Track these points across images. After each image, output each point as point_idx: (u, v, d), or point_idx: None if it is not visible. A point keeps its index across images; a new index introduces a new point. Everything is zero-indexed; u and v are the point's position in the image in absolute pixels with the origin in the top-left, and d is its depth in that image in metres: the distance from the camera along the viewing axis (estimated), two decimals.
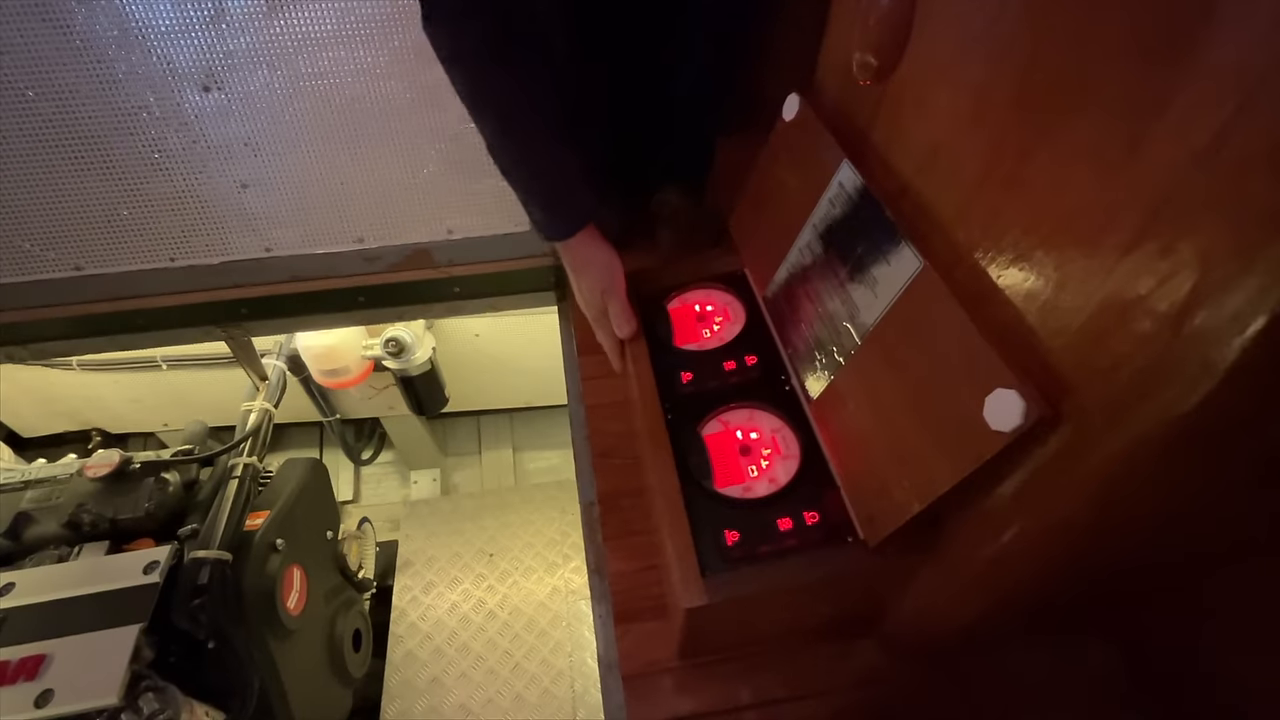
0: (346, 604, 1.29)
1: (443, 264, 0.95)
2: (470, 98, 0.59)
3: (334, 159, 0.84)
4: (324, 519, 1.27)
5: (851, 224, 0.50)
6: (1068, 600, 0.53)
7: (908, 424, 0.42)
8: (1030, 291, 0.36)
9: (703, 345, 0.66)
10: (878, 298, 0.46)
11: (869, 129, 0.50)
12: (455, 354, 1.63)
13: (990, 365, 0.36)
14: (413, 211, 0.90)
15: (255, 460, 1.13)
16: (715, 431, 0.58)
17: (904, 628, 0.56)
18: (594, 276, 0.67)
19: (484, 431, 2.06)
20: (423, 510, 1.73)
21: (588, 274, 0.68)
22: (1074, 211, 0.33)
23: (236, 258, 0.90)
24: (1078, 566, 0.44)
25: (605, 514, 0.69)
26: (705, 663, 0.58)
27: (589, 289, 0.68)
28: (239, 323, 1.02)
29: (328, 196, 0.87)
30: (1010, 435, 0.34)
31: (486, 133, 0.60)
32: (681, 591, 0.48)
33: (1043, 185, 0.35)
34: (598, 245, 0.67)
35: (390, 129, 0.82)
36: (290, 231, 0.90)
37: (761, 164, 0.66)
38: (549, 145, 0.61)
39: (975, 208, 0.40)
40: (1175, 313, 0.29)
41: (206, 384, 1.61)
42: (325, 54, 0.75)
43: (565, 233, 0.65)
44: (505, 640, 1.47)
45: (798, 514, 0.51)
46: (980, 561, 0.45)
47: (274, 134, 0.80)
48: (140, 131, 0.78)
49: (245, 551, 1.00)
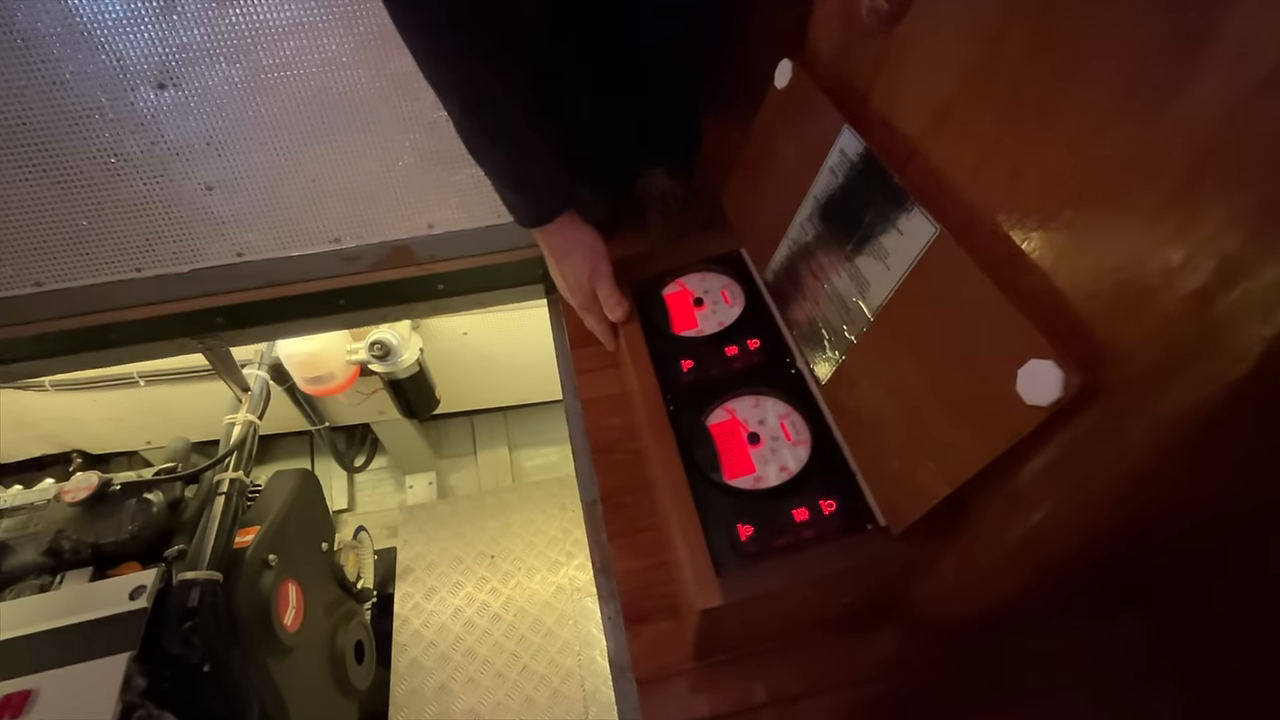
0: (347, 616, 1.26)
1: (425, 261, 0.91)
2: (433, 73, 0.54)
3: (303, 155, 0.79)
4: (317, 530, 1.24)
5: (856, 193, 0.47)
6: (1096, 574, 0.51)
7: (929, 403, 0.40)
8: (1060, 254, 0.34)
9: (702, 331, 0.63)
10: (890, 270, 0.43)
11: (869, 92, 0.47)
12: (444, 354, 1.59)
13: (1023, 335, 0.33)
14: (390, 207, 0.86)
15: (242, 474, 1.09)
16: (721, 421, 0.55)
17: (924, 612, 0.54)
18: (578, 261, 0.64)
19: (478, 431, 2.03)
20: (420, 515, 1.70)
21: (570, 259, 0.64)
22: (1107, 164, 0.31)
23: (207, 265, 0.86)
24: (1110, 542, 0.42)
25: (609, 512, 0.66)
26: (721, 661, 0.56)
27: (573, 275, 0.65)
28: (215, 333, 0.97)
29: (299, 195, 0.83)
30: (1048, 409, 0.32)
31: (453, 111, 0.56)
32: (696, 592, 0.45)
33: (1070, 137, 0.32)
34: (579, 228, 0.64)
35: (361, 121, 0.78)
36: (262, 234, 0.85)
37: (754, 137, 0.63)
38: (522, 124, 0.57)
39: (993, 167, 0.37)
40: (1229, 269, 0.26)
41: (188, 398, 1.56)
42: (286, 44, 0.71)
43: (545, 218, 0.62)
44: (511, 642, 1.44)
45: (813, 503, 0.48)
46: (1007, 542, 0.42)
47: (237, 131, 0.76)
48: (94, 135, 0.73)
49: (236, 570, 0.97)
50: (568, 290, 0.68)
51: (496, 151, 0.59)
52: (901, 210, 0.42)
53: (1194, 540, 0.45)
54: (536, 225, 0.62)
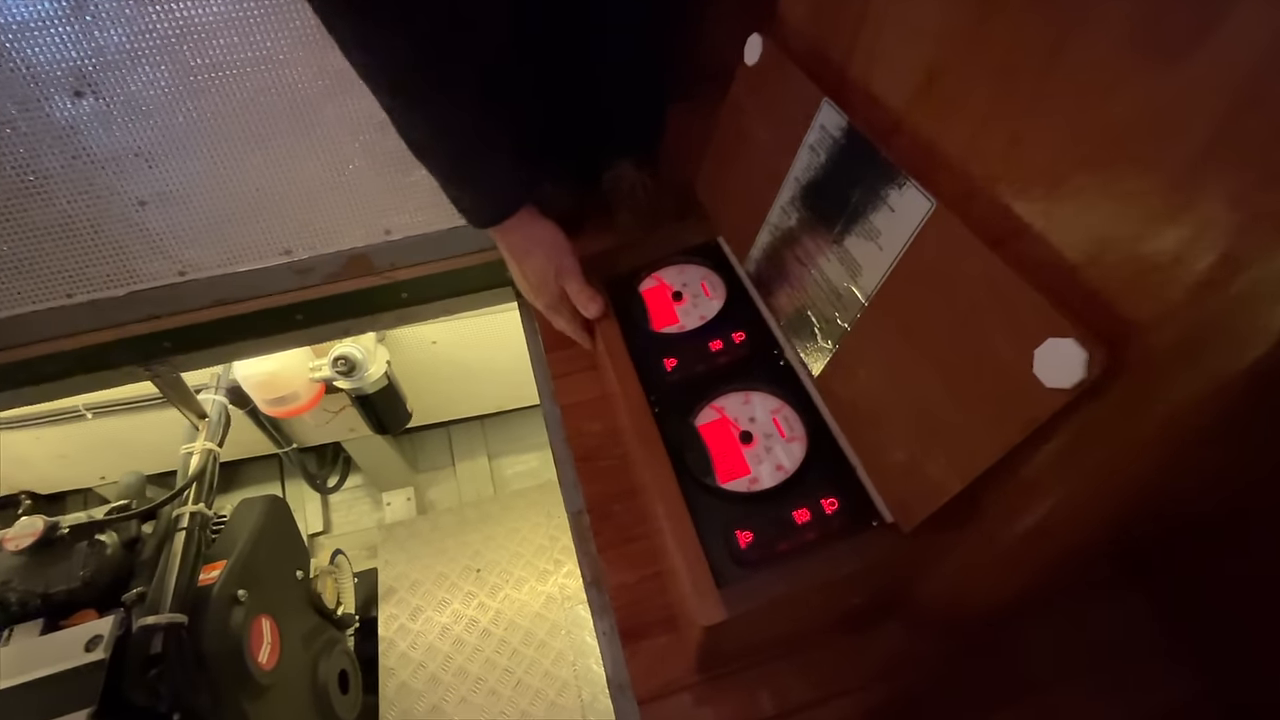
0: (328, 645, 1.21)
1: (385, 269, 0.86)
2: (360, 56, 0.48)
3: (244, 163, 0.74)
4: (290, 558, 1.18)
5: (841, 171, 0.44)
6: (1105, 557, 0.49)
7: (935, 391, 0.37)
8: (1071, 225, 0.31)
9: (683, 326, 0.60)
10: (883, 250, 0.40)
11: (847, 61, 0.44)
12: (413, 365, 1.53)
13: (1038, 312, 0.30)
14: (343, 214, 0.81)
15: (203, 507, 1.02)
16: (710, 420, 0.52)
17: (930, 605, 0.52)
18: (540, 259, 0.60)
19: (455, 442, 1.97)
20: (400, 533, 1.64)
21: (532, 258, 0.60)
22: (1120, 125, 0.28)
23: (146, 286, 0.80)
24: (1127, 525, 0.40)
25: (596, 522, 0.63)
26: (724, 673, 0.53)
27: (537, 274, 0.60)
28: (163, 359, 0.91)
29: (243, 206, 0.77)
30: (1071, 392, 0.29)
31: (387, 103, 0.50)
32: (697, 608, 0.42)
33: (1078, 94, 0.30)
34: (539, 224, 0.59)
35: (304, 123, 0.72)
36: (206, 250, 0.79)
37: (725, 119, 0.59)
38: (467, 116, 0.51)
39: (990, 135, 0.34)
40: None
41: (140, 429, 1.47)
42: (214, 42, 0.65)
43: (499, 215, 0.57)
44: (504, 658, 1.40)
45: (814, 502, 0.46)
46: (1021, 531, 0.40)
47: (168, 140, 0.70)
48: (7, 152, 0.67)
49: (203, 609, 0.91)
50: (532, 292, 0.63)
51: (438, 144, 0.53)
52: (892, 185, 0.39)
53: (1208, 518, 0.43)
54: (492, 225, 0.57)
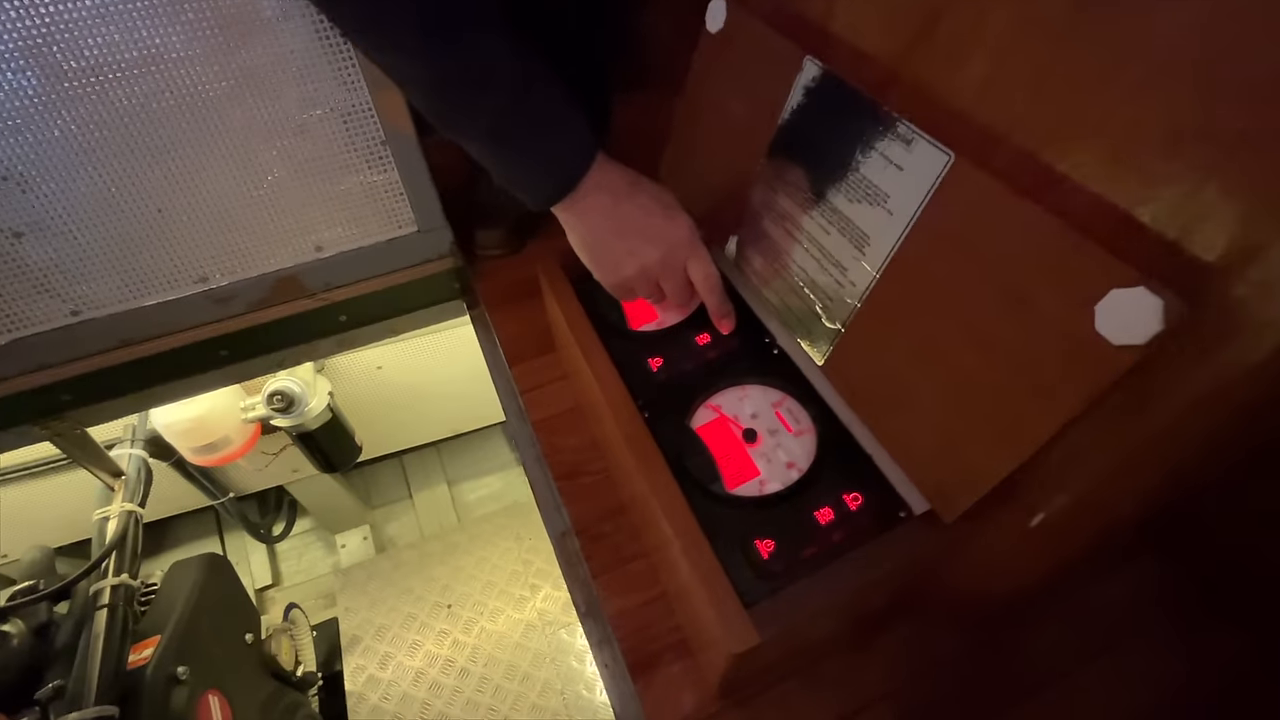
0: (289, 711, 1.09)
1: (318, 290, 0.78)
2: None
3: (140, 180, 0.64)
4: (237, 622, 1.06)
5: (834, 133, 0.40)
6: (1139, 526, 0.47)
7: (970, 364, 0.33)
8: (1121, 166, 0.28)
9: (664, 322, 0.55)
10: (894, 215, 0.36)
11: (828, 15, 0.41)
12: (358, 394, 1.42)
13: (1096, 263, 0.27)
14: (265, 232, 0.72)
15: (126, 578, 0.90)
16: (708, 421, 0.48)
17: (959, 598, 0.49)
18: (682, 218, 0.46)
19: (410, 472, 1.85)
20: (359, 576, 1.52)
21: (676, 217, 0.45)
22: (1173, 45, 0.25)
23: (32, 331, 0.69)
24: (1173, 493, 0.37)
25: (587, 545, 0.57)
26: (751, 695, 0.48)
27: (676, 236, 0.45)
28: (62, 414, 0.79)
29: (144, 231, 0.67)
30: (1143, 348, 0.26)
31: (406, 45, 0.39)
32: (725, 635, 0.37)
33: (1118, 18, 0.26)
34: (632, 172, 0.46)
35: (209, 130, 0.63)
36: (102, 284, 0.69)
37: (689, 95, 0.55)
38: (505, 38, 0.40)
39: (1009, 75, 0.31)
40: None
41: (43, 496, 1.30)
42: (90, 40, 0.56)
43: (588, 158, 0.44)
44: (486, 696, 1.31)
45: (836, 499, 0.41)
46: (1060, 507, 0.37)
47: (44, 159, 0.60)
48: None
49: (137, 697, 0.79)
50: (642, 271, 0.47)
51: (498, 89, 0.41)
52: (898, 141, 0.35)
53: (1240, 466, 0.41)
54: (582, 174, 0.44)
